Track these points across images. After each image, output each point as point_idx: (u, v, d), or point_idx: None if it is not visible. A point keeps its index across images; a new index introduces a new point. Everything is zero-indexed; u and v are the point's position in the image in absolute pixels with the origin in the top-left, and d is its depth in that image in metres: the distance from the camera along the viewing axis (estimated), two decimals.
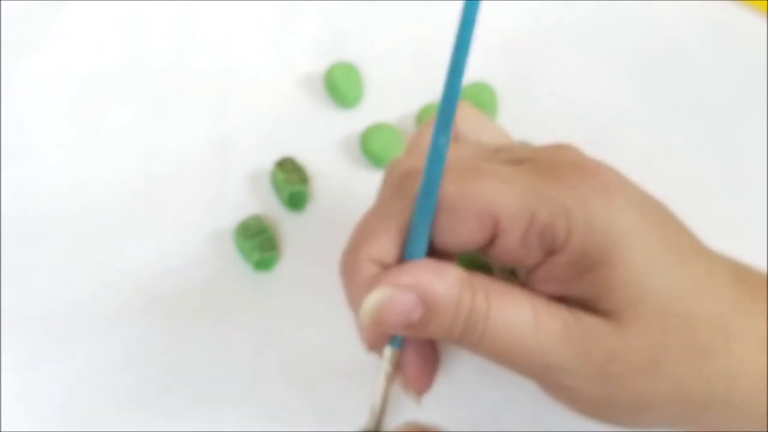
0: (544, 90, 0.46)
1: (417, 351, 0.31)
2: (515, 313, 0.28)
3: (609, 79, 0.46)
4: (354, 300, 0.30)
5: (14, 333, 0.38)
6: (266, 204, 0.42)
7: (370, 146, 0.42)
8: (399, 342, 0.30)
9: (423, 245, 0.29)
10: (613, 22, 0.48)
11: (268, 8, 0.47)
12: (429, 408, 0.37)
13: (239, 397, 0.37)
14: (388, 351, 0.30)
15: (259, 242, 0.39)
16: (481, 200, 0.28)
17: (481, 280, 0.28)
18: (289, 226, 0.41)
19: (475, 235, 0.28)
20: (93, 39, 0.46)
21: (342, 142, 0.43)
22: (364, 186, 0.42)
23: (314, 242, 0.41)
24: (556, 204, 0.28)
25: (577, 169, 0.29)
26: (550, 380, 0.29)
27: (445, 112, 0.27)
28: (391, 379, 0.31)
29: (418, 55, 0.46)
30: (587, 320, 0.28)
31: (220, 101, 0.45)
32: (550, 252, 0.28)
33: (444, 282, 0.28)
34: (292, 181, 0.41)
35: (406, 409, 0.36)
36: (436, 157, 0.28)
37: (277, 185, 0.41)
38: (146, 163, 0.43)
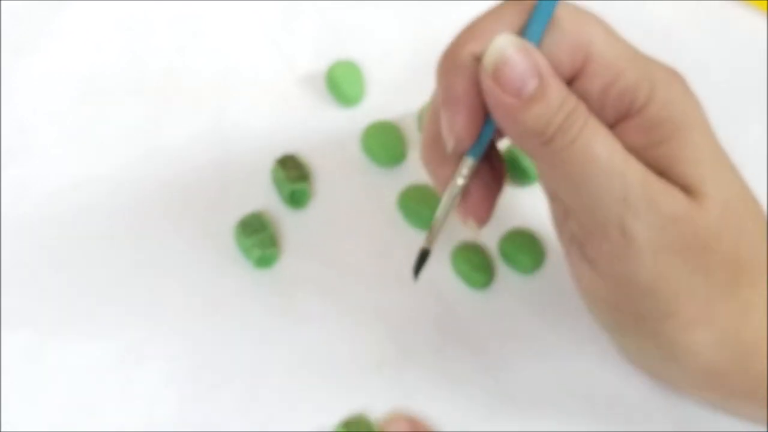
0: None
1: (484, 181, 0.32)
2: (608, 139, 0.29)
3: None
4: (447, 91, 0.30)
5: (14, 332, 0.38)
6: (267, 201, 0.42)
7: (371, 144, 0.42)
8: (478, 154, 0.31)
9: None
10: (613, 22, 0.48)
11: (268, 8, 0.47)
12: (427, 407, 0.37)
13: (239, 394, 0.37)
14: (467, 160, 0.31)
15: (259, 239, 0.39)
16: (583, 34, 0.29)
17: (582, 103, 0.29)
18: (290, 223, 0.41)
19: (561, 63, 0.29)
20: (93, 39, 0.46)
21: (343, 140, 0.43)
22: (365, 184, 0.42)
23: (315, 240, 0.41)
24: (645, 71, 0.29)
25: (669, 67, 0.31)
26: (613, 224, 0.29)
27: None
28: (458, 192, 0.31)
29: (420, 54, 0.45)
30: (666, 182, 0.29)
31: (220, 101, 0.45)
32: (624, 116, 0.29)
33: (555, 76, 0.29)
34: (293, 179, 0.41)
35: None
36: None
37: (278, 183, 0.41)
38: (146, 163, 0.43)
